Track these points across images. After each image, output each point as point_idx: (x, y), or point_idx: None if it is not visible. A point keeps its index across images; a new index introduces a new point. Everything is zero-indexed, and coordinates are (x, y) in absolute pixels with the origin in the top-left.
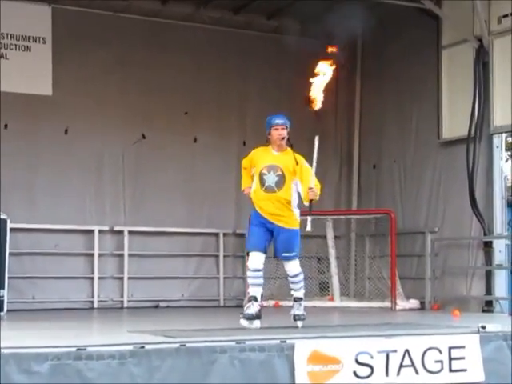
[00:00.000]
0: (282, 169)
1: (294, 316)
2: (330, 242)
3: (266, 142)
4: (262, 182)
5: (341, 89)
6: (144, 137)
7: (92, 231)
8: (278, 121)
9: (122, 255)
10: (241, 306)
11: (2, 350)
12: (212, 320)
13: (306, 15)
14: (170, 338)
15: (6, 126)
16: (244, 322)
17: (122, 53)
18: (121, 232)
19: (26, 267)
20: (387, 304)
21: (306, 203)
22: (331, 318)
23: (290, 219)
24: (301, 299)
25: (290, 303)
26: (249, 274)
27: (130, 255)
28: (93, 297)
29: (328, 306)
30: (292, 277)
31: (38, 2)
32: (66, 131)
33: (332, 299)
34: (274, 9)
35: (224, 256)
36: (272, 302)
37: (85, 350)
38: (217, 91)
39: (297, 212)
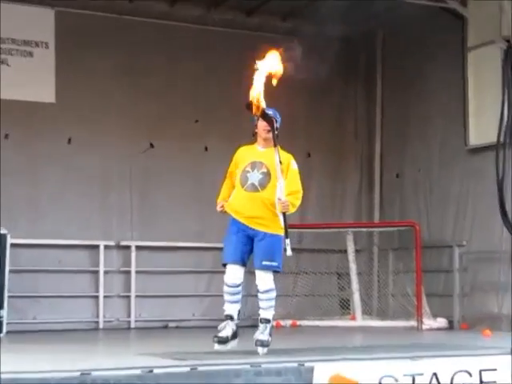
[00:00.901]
0: (267, 166)
1: (257, 341)
2: (351, 256)
3: (253, 136)
4: (243, 180)
5: (360, 92)
6: (152, 146)
7: (97, 246)
8: (266, 111)
9: (128, 272)
10: (255, 326)
11: (2, 375)
12: None
13: (323, 16)
14: (181, 361)
15: (6, 136)
16: (217, 346)
17: (129, 58)
18: (128, 247)
19: (28, 285)
20: (412, 323)
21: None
22: (353, 338)
23: (274, 224)
24: (268, 321)
25: (310, 322)
26: (225, 289)
27: (137, 272)
28: (98, 317)
29: (349, 326)
30: (262, 292)
31: (40, 4)
32: (69, 141)
33: (353, 318)
34: (289, 10)
35: None
36: (289, 322)
37: (89, 374)
38: (229, 97)
39: (280, 216)
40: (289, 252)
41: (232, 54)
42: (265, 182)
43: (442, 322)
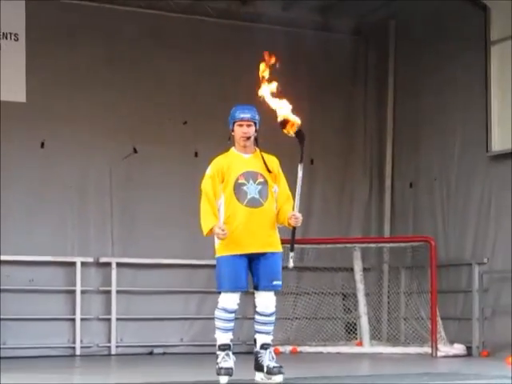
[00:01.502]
0: (262, 175)
1: (273, 369)
2: (358, 275)
3: (229, 140)
4: (241, 194)
5: (370, 94)
6: (135, 151)
7: (73, 263)
8: (243, 115)
9: (109, 292)
10: (251, 353)
11: None
12: None
13: (328, 5)
14: None
15: None
16: (222, 379)
17: (110, 52)
18: (108, 264)
19: None
20: (427, 350)
21: (283, 225)
22: (360, 366)
23: (276, 240)
24: (270, 345)
25: (312, 349)
26: (222, 316)
27: (118, 292)
28: (74, 342)
29: (356, 352)
30: (268, 315)
31: None
32: (42, 144)
33: (360, 344)
34: None
35: None
36: (289, 348)
37: None
38: (222, 96)
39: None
40: (291, 264)
41: (226, 48)
42: (265, 192)
43: (459, 348)
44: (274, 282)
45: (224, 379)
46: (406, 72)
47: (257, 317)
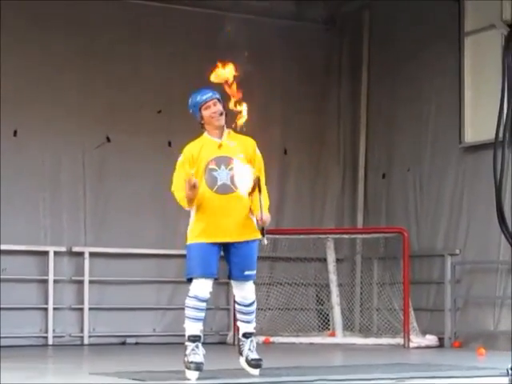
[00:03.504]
0: (235, 159)
1: (251, 361)
2: (331, 266)
3: (202, 128)
4: (211, 181)
5: (344, 83)
6: (109, 140)
7: (46, 253)
8: (205, 96)
9: (81, 281)
10: (224, 343)
11: None
12: None
13: None
14: (140, 382)
15: None
16: (192, 374)
17: (84, 39)
18: (80, 254)
19: None
20: (399, 340)
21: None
22: (332, 357)
23: (251, 226)
24: (252, 334)
25: (285, 339)
26: (193, 304)
27: (91, 281)
28: (47, 332)
29: (328, 343)
30: (247, 305)
31: None
32: (15, 133)
33: (333, 334)
34: None
35: None
36: (261, 339)
37: None
38: (196, 85)
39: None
40: (265, 242)
41: (201, 36)
42: None
43: (431, 339)
44: (246, 273)
45: (194, 375)
46: (380, 62)
47: (236, 306)
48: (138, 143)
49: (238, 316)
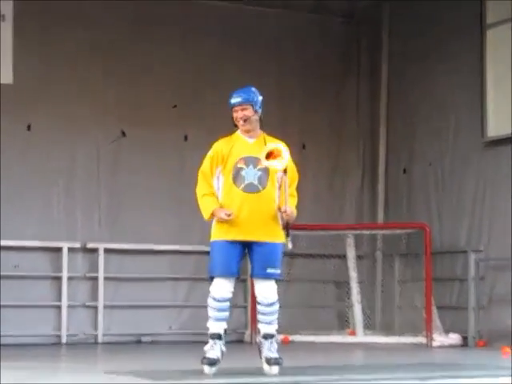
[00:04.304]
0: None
1: (268, 360)
2: (351, 262)
3: (234, 126)
4: (238, 179)
5: (363, 78)
6: (124, 134)
7: (60, 249)
8: (234, 100)
9: (96, 278)
10: (241, 341)
11: None
12: None
13: None
14: (156, 381)
15: None
16: (206, 369)
17: (99, 34)
18: (95, 250)
19: None
20: (421, 339)
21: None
22: (352, 356)
23: (276, 229)
24: (273, 336)
25: (304, 338)
26: (212, 304)
27: (106, 278)
28: (60, 330)
29: (348, 342)
30: (267, 305)
31: None
32: (29, 127)
33: (353, 333)
34: None
35: None
36: (280, 337)
37: None
38: (213, 78)
39: (279, 217)
40: (290, 246)
41: (217, 30)
42: (265, 179)
43: (455, 338)
44: (268, 270)
45: (207, 369)
46: (400, 56)
47: (257, 306)
48: (153, 138)
49: (259, 317)
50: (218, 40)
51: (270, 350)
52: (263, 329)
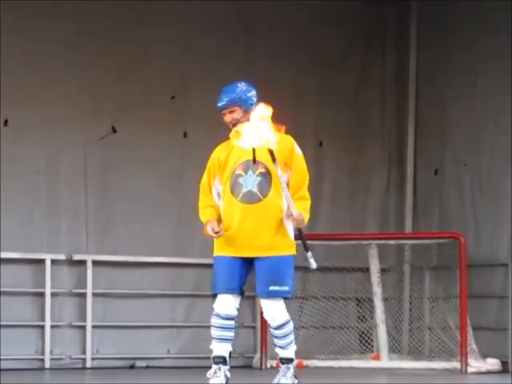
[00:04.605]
0: (264, 164)
1: None
2: (375, 277)
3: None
4: (236, 187)
5: (389, 62)
6: (114, 130)
7: (42, 261)
8: (219, 103)
9: (83, 294)
10: (249, 367)
11: None
12: None
13: None
14: None
15: None
16: None
17: (87, 20)
18: (82, 262)
19: None
20: (455, 364)
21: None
22: (376, 383)
23: (282, 240)
24: (290, 361)
25: (321, 363)
26: (215, 322)
27: (95, 295)
28: (43, 353)
29: (372, 367)
30: (276, 328)
31: None
32: (5, 122)
33: (377, 357)
34: None
35: None
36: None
37: None
38: (216, 67)
39: (289, 226)
40: (313, 265)
41: (218, 16)
42: (266, 185)
43: (493, 363)
44: (271, 288)
45: None
46: (431, 45)
47: (269, 328)
48: (148, 134)
49: (273, 339)
50: (223, 25)
51: (284, 375)
52: (279, 353)
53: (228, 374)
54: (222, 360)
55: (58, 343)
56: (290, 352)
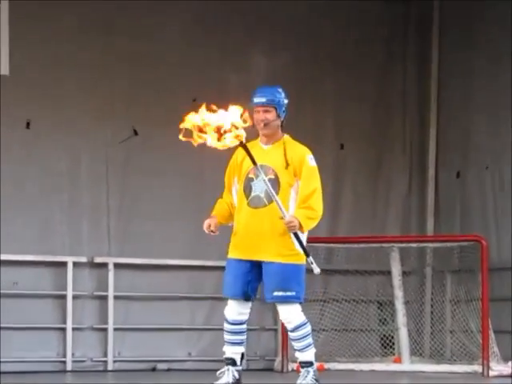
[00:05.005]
0: (274, 170)
1: None
2: (397, 280)
3: (253, 127)
4: (247, 190)
5: (410, 63)
6: (136, 133)
7: (64, 264)
8: (258, 99)
9: (105, 297)
10: (271, 370)
11: None
12: None
13: None
14: None
15: None
16: None
17: (107, 19)
18: (104, 265)
19: None
20: (477, 368)
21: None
22: None
23: (287, 247)
24: (310, 364)
25: (342, 365)
26: (224, 326)
27: (116, 297)
28: (65, 356)
29: (393, 370)
30: (292, 330)
31: None
32: (27, 125)
33: (399, 360)
34: None
35: None
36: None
37: None
38: (236, 68)
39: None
40: (316, 270)
41: (239, 16)
42: (274, 191)
43: None
44: (275, 293)
45: None
46: (453, 41)
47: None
48: (169, 137)
49: (292, 343)
50: (245, 25)
51: (304, 378)
52: (298, 356)
53: (236, 375)
54: (231, 361)
55: (80, 346)
56: (308, 355)
